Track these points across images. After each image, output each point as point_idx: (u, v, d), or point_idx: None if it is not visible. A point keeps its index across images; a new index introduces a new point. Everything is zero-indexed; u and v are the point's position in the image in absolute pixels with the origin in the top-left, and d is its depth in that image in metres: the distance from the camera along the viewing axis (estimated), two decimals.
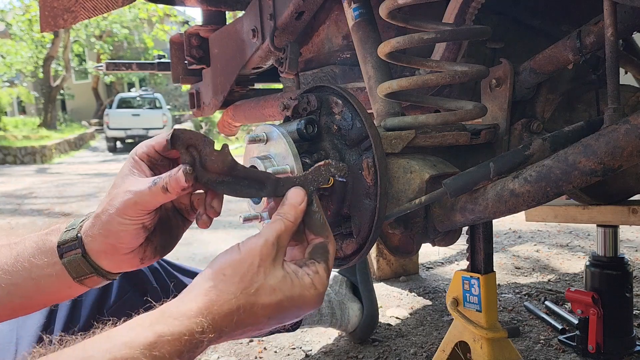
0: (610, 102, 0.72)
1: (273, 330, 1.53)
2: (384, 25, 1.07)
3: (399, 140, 0.85)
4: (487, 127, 0.94)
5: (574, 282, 2.19)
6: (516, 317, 1.84)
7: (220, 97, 1.73)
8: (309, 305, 0.64)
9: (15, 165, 12.36)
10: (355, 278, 1.71)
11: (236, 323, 0.60)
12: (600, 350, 1.43)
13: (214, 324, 0.58)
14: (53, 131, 17.65)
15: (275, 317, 0.62)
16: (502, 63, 0.97)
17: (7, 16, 19.73)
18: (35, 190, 6.74)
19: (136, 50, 25.65)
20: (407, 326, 1.82)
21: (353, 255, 0.83)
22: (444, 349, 1.18)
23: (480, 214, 0.80)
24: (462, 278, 1.13)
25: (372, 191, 0.76)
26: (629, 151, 0.65)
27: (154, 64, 2.25)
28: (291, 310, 0.63)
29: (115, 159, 13.89)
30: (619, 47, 0.76)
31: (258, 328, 0.63)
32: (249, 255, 0.62)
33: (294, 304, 0.63)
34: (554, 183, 0.71)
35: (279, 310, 0.62)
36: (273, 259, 0.63)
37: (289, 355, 1.66)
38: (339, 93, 0.81)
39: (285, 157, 0.76)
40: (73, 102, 28.48)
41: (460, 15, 0.98)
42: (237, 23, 1.52)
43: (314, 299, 0.64)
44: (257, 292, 0.61)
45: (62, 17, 1.46)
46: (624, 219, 1.28)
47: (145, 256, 0.74)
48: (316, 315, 1.60)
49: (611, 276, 1.45)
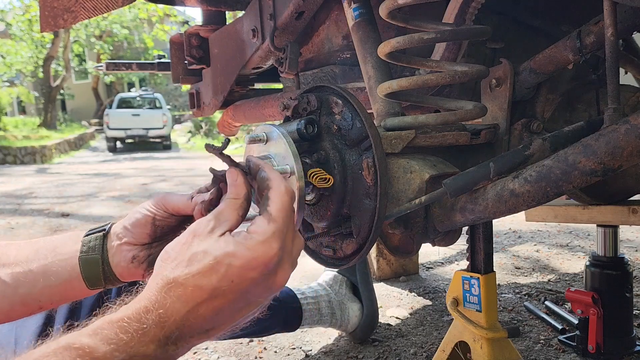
0: (610, 102, 0.72)
1: (268, 327, 1.53)
2: (384, 25, 1.07)
3: (399, 140, 0.85)
4: (487, 127, 0.94)
5: (574, 282, 2.19)
6: (516, 317, 1.84)
7: (220, 97, 1.73)
8: (254, 260, 0.58)
9: (15, 165, 12.36)
10: (355, 278, 1.71)
11: (179, 298, 0.56)
12: (600, 350, 1.43)
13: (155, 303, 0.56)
14: (53, 131, 17.65)
15: (220, 283, 0.57)
16: (502, 63, 0.97)
17: (7, 16, 19.73)
18: (35, 190, 6.74)
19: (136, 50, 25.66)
20: (407, 326, 1.82)
21: (353, 255, 0.83)
22: (444, 349, 1.18)
23: (480, 214, 0.80)
24: (462, 278, 1.13)
25: (372, 191, 0.76)
26: (629, 151, 0.65)
27: (154, 64, 2.25)
28: (235, 271, 0.57)
29: (115, 158, 13.90)
30: (619, 47, 0.76)
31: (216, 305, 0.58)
32: (185, 233, 0.62)
33: (236, 264, 0.57)
34: (554, 183, 0.71)
35: (218, 273, 0.57)
36: (209, 231, 0.60)
37: (289, 355, 1.66)
38: (339, 93, 0.81)
39: (285, 157, 0.76)
40: (73, 102, 28.48)
41: (460, 15, 0.98)
42: (237, 23, 1.52)
43: (257, 251, 0.58)
44: (190, 261, 0.58)
45: (62, 17, 1.46)
46: (624, 219, 1.28)
47: (147, 271, 0.80)
48: (316, 316, 1.60)
49: (611, 276, 1.45)
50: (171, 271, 0.58)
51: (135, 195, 5.95)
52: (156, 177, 8.04)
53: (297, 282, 2.35)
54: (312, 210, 0.84)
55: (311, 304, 1.60)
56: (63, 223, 4.24)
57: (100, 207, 5.10)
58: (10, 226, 4.22)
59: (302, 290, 1.63)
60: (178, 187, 6.63)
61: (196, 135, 18.15)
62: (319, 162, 0.80)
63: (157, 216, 0.79)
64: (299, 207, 0.75)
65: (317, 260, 0.92)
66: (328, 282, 1.70)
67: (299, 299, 1.59)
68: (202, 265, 0.57)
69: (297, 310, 1.57)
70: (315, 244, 0.90)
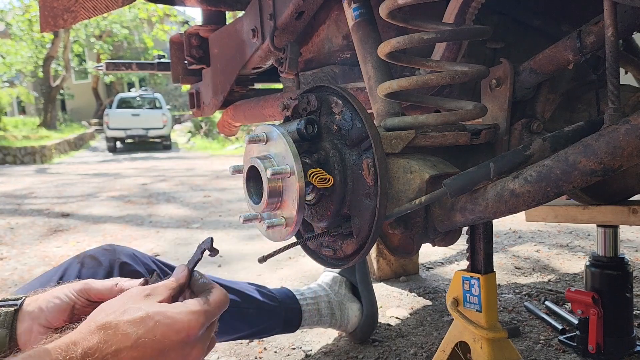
0: (610, 102, 0.72)
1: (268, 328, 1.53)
2: (384, 25, 1.07)
3: (399, 140, 0.85)
4: (487, 127, 0.94)
5: (574, 282, 2.19)
6: (516, 317, 1.83)
7: (220, 97, 1.73)
8: (180, 323, 0.65)
9: (15, 165, 12.36)
10: (355, 278, 1.71)
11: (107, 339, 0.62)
12: (601, 350, 1.43)
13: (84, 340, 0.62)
14: (53, 131, 17.65)
15: (145, 335, 0.63)
16: (502, 63, 0.97)
17: (7, 16, 19.73)
18: (35, 190, 6.74)
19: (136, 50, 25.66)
20: (407, 326, 1.82)
21: (353, 255, 0.83)
22: (444, 349, 1.17)
23: (480, 214, 0.80)
24: (462, 278, 1.12)
25: (372, 191, 0.76)
26: (629, 151, 0.65)
27: (154, 64, 2.25)
28: (161, 328, 0.64)
29: (115, 159, 13.90)
30: (619, 47, 0.76)
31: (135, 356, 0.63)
32: (120, 296, 0.71)
33: (164, 322, 0.65)
34: (554, 183, 0.71)
35: (146, 325, 0.64)
36: (145, 296, 0.69)
37: (289, 355, 1.66)
38: (339, 93, 0.81)
39: (285, 157, 0.76)
40: (73, 102, 28.48)
41: (460, 15, 0.98)
42: (237, 23, 1.52)
43: (185, 318, 0.66)
44: (124, 312, 0.65)
45: (62, 17, 1.46)
46: (624, 219, 1.28)
47: None
48: (316, 316, 1.60)
49: (611, 276, 1.45)
50: (104, 317, 0.64)
51: (135, 195, 5.95)
52: (156, 177, 8.03)
53: (297, 283, 2.35)
54: (312, 210, 0.84)
55: (311, 305, 1.60)
56: (63, 223, 4.24)
57: (100, 207, 5.10)
58: (10, 226, 4.22)
59: (302, 291, 1.63)
60: (178, 187, 6.63)
61: (196, 135, 18.15)
62: (319, 162, 0.80)
63: (77, 304, 0.79)
64: (299, 207, 0.75)
65: (317, 260, 0.91)
66: (327, 282, 1.70)
67: (298, 300, 1.59)
68: (133, 316, 0.64)
69: (296, 311, 1.57)
70: (315, 244, 0.90)
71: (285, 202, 0.78)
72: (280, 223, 0.79)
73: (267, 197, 0.77)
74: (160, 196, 5.76)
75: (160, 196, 5.76)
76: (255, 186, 0.82)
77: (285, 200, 0.78)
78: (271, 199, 0.78)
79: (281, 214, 0.79)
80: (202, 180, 7.24)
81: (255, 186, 0.82)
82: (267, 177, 0.75)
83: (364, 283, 1.71)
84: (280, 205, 0.79)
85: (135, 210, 4.82)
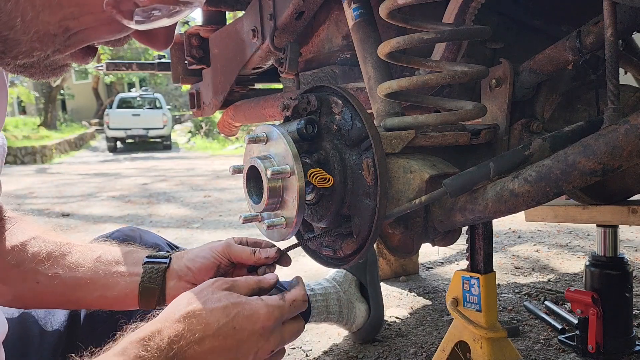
0: (610, 102, 0.72)
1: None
2: (384, 25, 1.07)
3: (399, 140, 0.85)
4: (487, 127, 0.94)
5: (574, 282, 2.19)
6: (516, 317, 1.84)
7: (220, 97, 1.73)
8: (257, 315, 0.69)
9: (15, 165, 12.36)
10: (365, 279, 1.71)
11: (190, 327, 0.66)
12: (600, 350, 1.43)
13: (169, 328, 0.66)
14: (53, 131, 17.65)
15: (226, 325, 0.67)
16: (502, 63, 0.97)
17: None
18: (35, 190, 6.74)
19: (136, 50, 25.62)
20: (407, 326, 1.82)
21: (353, 255, 0.83)
22: (443, 348, 1.18)
23: (480, 214, 0.80)
24: (462, 278, 1.13)
25: (372, 191, 0.76)
26: (628, 151, 0.65)
27: (154, 64, 2.24)
28: (240, 319, 0.68)
29: (116, 158, 13.90)
30: (618, 47, 0.76)
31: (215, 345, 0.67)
32: (202, 284, 0.74)
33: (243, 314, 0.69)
34: (554, 183, 0.71)
35: (228, 315, 0.68)
36: (226, 288, 0.72)
37: (289, 355, 1.66)
38: (339, 93, 0.81)
39: (285, 157, 0.76)
40: (73, 102, 28.48)
41: (460, 15, 0.98)
42: (237, 23, 1.52)
43: (262, 309, 0.70)
44: (206, 301, 0.69)
45: None
46: (624, 219, 1.28)
47: None
48: (324, 313, 1.60)
49: (611, 276, 1.45)
50: (187, 306, 0.68)
51: (136, 195, 5.95)
52: (156, 177, 8.04)
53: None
54: (312, 210, 0.85)
55: (320, 301, 1.60)
56: (63, 223, 4.24)
57: (100, 207, 5.10)
58: None
59: (312, 287, 1.64)
60: (178, 187, 6.63)
61: (196, 135, 18.14)
62: (319, 162, 0.80)
63: (222, 264, 0.89)
64: (299, 207, 0.75)
65: (317, 260, 0.92)
66: (338, 279, 1.70)
67: (308, 296, 1.59)
68: (216, 305, 0.69)
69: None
70: (316, 244, 0.90)
71: (286, 202, 0.78)
72: (280, 223, 0.79)
73: (267, 197, 0.78)
74: (160, 196, 5.76)
75: (160, 196, 5.76)
76: (255, 186, 0.83)
77: (285, 200, 0.78)
78: (271, 199, 0.78)
79: (281, 214, 0.80)
80: (202, 180, 7.24)
81: (256, 186, 0.82)
82: (267, 177, 0.75)
83: (373, 285, 1.71)
84: (280, 205, 0.79)
85: (135, 210, 4.82)
